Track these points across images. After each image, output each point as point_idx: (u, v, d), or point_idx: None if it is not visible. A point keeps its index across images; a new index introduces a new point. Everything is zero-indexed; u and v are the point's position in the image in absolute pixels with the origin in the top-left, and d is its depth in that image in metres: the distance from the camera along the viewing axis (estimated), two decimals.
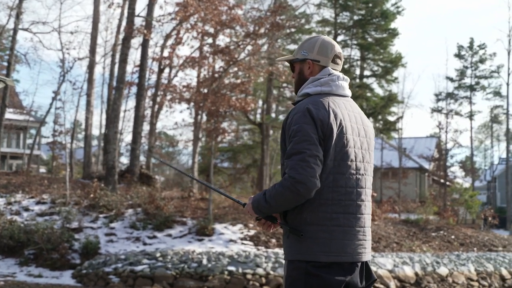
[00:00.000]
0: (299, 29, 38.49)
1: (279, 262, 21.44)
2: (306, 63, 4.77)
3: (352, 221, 4.45)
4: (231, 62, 28.79)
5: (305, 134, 4.28)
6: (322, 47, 4.76)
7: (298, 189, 4.19)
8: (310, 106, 4.39)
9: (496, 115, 72.64)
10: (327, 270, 4.33)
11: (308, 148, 4.24)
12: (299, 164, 4.21)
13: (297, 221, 4.42)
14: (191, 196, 29.51)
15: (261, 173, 36.25)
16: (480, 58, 67.16)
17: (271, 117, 38.51)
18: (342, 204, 4.41)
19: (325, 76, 4.67)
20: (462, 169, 74.54)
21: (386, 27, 40.05)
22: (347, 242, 4.41)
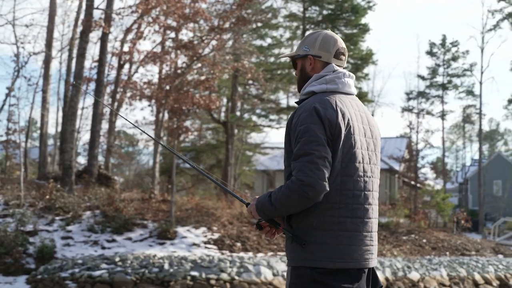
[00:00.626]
0: (265, 24, 38.49)
1: (244, 266, 21.39)
2: (308, 59, 4.73)
3: (360, 226, 4.42)
4: (195, 58, 28.66)
5: (313, 134, 4.24)
6: (323, 42, 4.71)
7: (307, 192, 4.14)
8: (317, 105, 4.35)
9: (469, 115, 73.25)
10: (333, 277, 4.30)
11: (316, 149, 4.20)
12: (308, 166, 4.17)
13: (303, 225, 4.39)
14: (152, 198, 29.36)
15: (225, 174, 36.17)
16: (452, 56, 67.69)
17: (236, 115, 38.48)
18: (350, 207, 4.38)
19: (330, 73, 4.63)
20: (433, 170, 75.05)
21: (356, 23, 40.13)
22: (354, 248, 4.37)
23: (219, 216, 27.46)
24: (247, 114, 45.52)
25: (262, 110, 45.43)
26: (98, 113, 32.23)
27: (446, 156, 78.56)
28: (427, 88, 67.22)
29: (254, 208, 4.49)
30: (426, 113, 65.46)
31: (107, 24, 30.57)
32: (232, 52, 31.57)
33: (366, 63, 41.15)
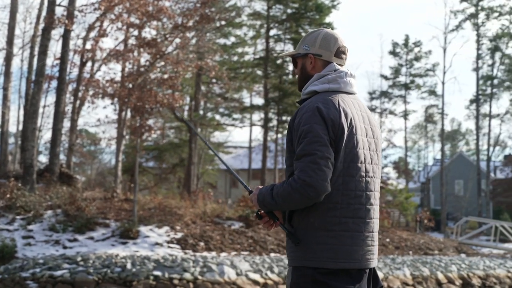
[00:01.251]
0: (229, 23, 38.38)
1: (208, 266, 21.31)
2: (308, 58, 4.70)
3: (361, 226, 4.41)
4: (158, 56, 28.51)
5: (316, 135, 4.22)
6: (324, 41, 4.70)
7: (308, 193, 4.15)
8: (320, 105, 4.32)
9: (431, 115, 73.69)
10: (334, 278, 4.30)
11: (319, 150, 4.19)
12: (310, 166, 4.16)
13: (303, 224, 4.38)
14: (115, 197, 29.15)
15: (188, 173, 36.02)
16: (415, 56, 68.16)
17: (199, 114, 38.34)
18: (352, 208, 4.37)
19: (331, 72, 4.61)
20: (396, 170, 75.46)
21: (320, 22, 40.14)
22: (356, 248, 4.37)
23: (182, 215, 27.33)
24: (211, 113, 45.40)
25: (225, 109, 45.35)
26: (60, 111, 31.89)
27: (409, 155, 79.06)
28: (390, 88, 67.64)
29: (255, 198, 4.48)
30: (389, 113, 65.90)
31: (69, 21, 30.26)
32: (196, 50, 31.46)
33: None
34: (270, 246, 26.77)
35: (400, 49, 68.40)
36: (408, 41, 68.49)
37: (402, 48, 68.42)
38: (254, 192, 4.54)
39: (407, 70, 68.09)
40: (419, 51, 68.07)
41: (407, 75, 67.95)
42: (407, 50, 68.30)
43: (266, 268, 22.64)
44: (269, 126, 39.74)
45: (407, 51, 68.29)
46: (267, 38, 40.35)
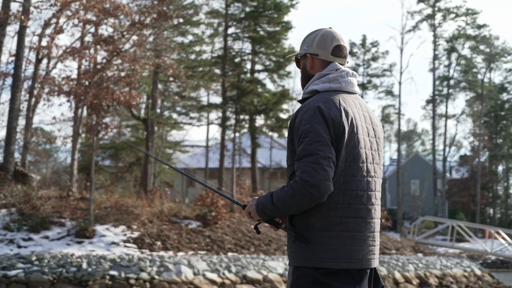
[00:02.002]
0: (187, 21, 38.19)
1: (165, 266, 21.22)
2: (307, 58, 4.71)
3: (362, 226, 4.42)
4: (115, 53, 28.28)
5: (317, 134, 4.24)
6: (321, 40, 4.69)
7: (311, 193, 4.15)
8: (320, 105, 4.34)
9: (388, 115, 74.09)
10: (335, 278, 4.31)
11: (320, 150, 4.20)
12: (312, 166, 4.17)
13: (305, 225, 4.38)
14: (70, 196, 28.87)
15: (145, 172, 35.80)
16: (372, 56, 68.56)
17: (156, 112, 38.14)
18: (353, 208, 4.38)
19: (333, 71, 4.60)
20: None
21: (279, 20, 40.11)
22: (357, 248, 4.38)
23: (138, 215, 27.17)
24: (168, 112, 45.17)
25: (182, 108, 45.16)
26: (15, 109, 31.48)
27: None
28: None
29: (253, 209, 4.46)
30: None
31: (25, 17, 29.88)
32: (153, 48, 31.26)
33: (288, 61, 41.20)
34: (227, 245, 26.72)
35: (357, 49, 68.73)
36: (365, 41, 68.84)
37: (359, 48, 68.75)
38: (250, 204, 4.52)
39: (364, 70, 68.45)
40: (376, 51, 68.48)
41: (364, 75, 68.30)
42: (364, 50, 68.65)
43: (224, 268, 22.60)
44: (226, 125, 39.61)
45: (364, 51, 68.64)
46: (225, 37, 40.22)
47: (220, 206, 28.89)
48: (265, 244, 28.46)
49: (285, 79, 43.95)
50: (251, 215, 4.49)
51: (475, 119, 73.90)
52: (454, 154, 79.93)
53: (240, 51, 41.26)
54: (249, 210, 4.52)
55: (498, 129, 76.91)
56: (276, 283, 23.13)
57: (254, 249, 27.41)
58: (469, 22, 67.98)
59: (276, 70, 41.41)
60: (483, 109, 69.41)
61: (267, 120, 42.53)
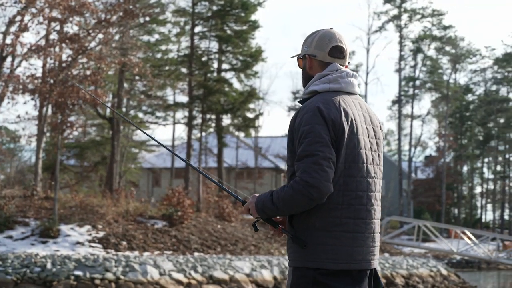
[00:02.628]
0: (153, 20, 37.96)
1: (130, 266, 21.07)
2: (307, 59, 4.70)
3: (362, 227, 4.41)
4: (80, 51, 28.05)
5: (317, 135, 4.23)
6: (319, 41, 4.67)
7: (311, 194, 4.15)
8: (320, 105, 4.34)
9: None
10: (335, 278, 4.31)
11: (321, 150, 4.20)
12: (312, 167, 4.16)
13: (304, 226, 4.37)
14: (35, 195, 28.56)
15: (110, 171, 35.50)
16: None
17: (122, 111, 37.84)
18: (352, 208, 4.37)
19: (333, 72, 4.58)
20: None
21: (246, 19, 40.03)
22: (357, 249, 4.38)
23: (104, 214, 26.95)
24: (133, 111, 44.88)
25: (148, 107, 44.93)
26: None
27: None
28: None
29: (253, 206, 4.42)
30: None
31: None
32: (119, 46, 31.01)
33: (255, 61, 41.13)
34: (194, 245, 26.59)
35: None
36: None
37: None
38: (250, 201, 4.48)
39: None
40: None
41: None
42: None
43: (190, 268, 22.50)
44: (193, 124, 39.46)
45: None
46: (192, 35, 40.06)
47: (186, 205, 28.76)
48: (231, 244, 28.36)
49: (252, 79, 43.84)
50: (250, 212, 4.47)
51: (440, 119, 74.34)
52: (420, 154, 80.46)
53: (207, 50, 41.13)
54: (248, 207, 4.49)
55: (463, 130, 77.52)
56: (243, 283, 23.05)
57: (220, 249, 27.31)
58: (435, 23, 68.41)
59: (243, 69, 41.32)
60: (449, 110, 69.84)
61: (234, 120, 42.45)
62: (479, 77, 78.33)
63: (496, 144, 77.11)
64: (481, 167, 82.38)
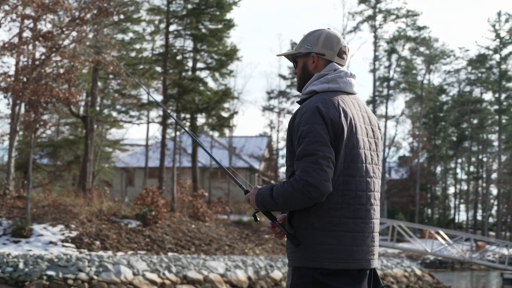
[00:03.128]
0: (127, 18, 37.76)
1: (103, 266, 20.90)
2: (310, 57, 4.67)
3: (362, 226, 4.42)
4: (54, 49, 27.84)
5: (316, 134, 4.25)
6: (327, 40, 4.67)
7: (310, 193, 4.17)
8: (319, 105, 4.35)
9: None
10: (334, 278, 4.31)
11: (320, 150, 4.22)
12: (312, 166, 4.18)
13: (304, 225, 4.37)
14: (7, 194, 28.33)
15: (84, 170, 35.28)
16: None
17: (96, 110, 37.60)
18: (352, 208, 4.38)
19: (331, 72, 4.61)
20: None
21: (221, 18, 39.96)
22: (356, 249, 4.38)
23: (77, 214, 26.78)
24: (107, 110, 44.63)
25: (122, 106, 44.70)
26: None
27: None
28: (288, 88, 67.90)
29: (253, 198, 4.46)
30: (287, 113, 66.22)
31: None
32: (93, 44, 30.81)
33: (231, 60, 41.03)
34: (168, 245, 26.47)
35: None
36: None
37: None
38: (251, 192, 4.51)
39: None
40: None
41: None
42: None
43: (164, 268, 22.36)
44: (167, 124, 39.29)
45: None
46: (167, 34, 39.91)
47: (160, 205, 28.63)
48: (206, 244, 28.26)
49: (227, 78, 43.73)
50: (250, 203, 4.52)
51: (414, 120, 74.67)
52: (394, 155, 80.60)
53: (181, 48, 41.00)
54: (248, 198, 4.52)
55: (437, 131, 77.86)
56: (217, 283, 22.95)
57: (194, 249, 27.21)
58: (410, 23, 68.66)
59: (218, 68, 41.24)
60: (422, 111, 70.13)
61: (209, 119, 42.34)
62: (453, 78, 78.80)
63: (469, 145, 77.55)
64: (454, 168, 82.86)
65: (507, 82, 75.13)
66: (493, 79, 75.59)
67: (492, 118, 76.84)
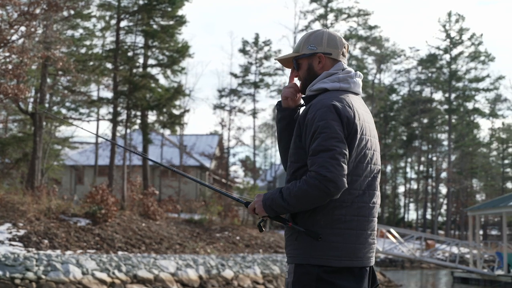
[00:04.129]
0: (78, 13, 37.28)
1: (52, 265, 20.57)
2: (316, 58, 4.71)
3: (365, 225, 4.47)
4: (2, 44, 27.35)
5: (333, 131, 4.27)
6: (330, 39, 4.72)
7: (329, 188, 4.18)
8: (335, 103, 4.38)
9: None
10: (339, 276, 4.35)
11: (337, 146, 4.25)
12: (329, 162, 4.20)
13: (309, 223, 4.40)
14: None
15: (32, 168, 34.74)
16: (265, 55, 68.62)
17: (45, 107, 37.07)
18: (356, 206, 4.42)
19: (340, 71, 4.66)
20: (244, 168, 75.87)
21: (173, 14, 39.69)
22: (359, 246, 4.43)
23: (25, 212, 26.33)
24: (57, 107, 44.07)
25: (72, 103, 44.17)
26: None
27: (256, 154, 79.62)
28: (239, 86, 67.83)
29: (260, 205, 4.43)
30: (238, 111, 66.11)
31: None
32: (43, 40, 30.34)
33: (182, 56, 40.77)
34: (117, 244, 26.16)
35: (250, 48, 68.71)
36: (258, 39, 68.89)
37: (252, 47, 68.74)
38: (255, 200, 4.49)
39: (257, 69, 68.51)
40: (269, 50, 68.62)
41: (257, 74, 68.35)
42: (257, 49, 68.68)
43: (114, 267, 22.11)
44: (117, 121, 38.88)
45: (257, 49, 68.67)
46: (118, 30, 39.50)
47: (110, 203, 28.29)
48: (156, 242, 27.98)
49: (178, 75, 43.41)
50: (256, 211, 4.47)
51: None
52: None
53: (132, 45, 40.65)
54: (253, 207, 4.49)
55: (387, 130, 78.41)
56: (168, 283, 22.73)
57: (145, 248, 26.92)
58: (361, 23, 69.11)
59: (170, 65, 40.97)
60: (373, 110, 70.46)
61: (160, 116, 42.01)
62: (404, 77, 79.47)
63: (419, 144, 78.25)
64: (404, 167, 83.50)
65: (457, 82, 76.04)
66: (443, 79, 76.41)
67: (442, 117, 77.69)
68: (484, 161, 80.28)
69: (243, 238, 32.71)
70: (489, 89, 77.77)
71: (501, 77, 77.61)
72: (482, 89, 77.58)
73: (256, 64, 68.55)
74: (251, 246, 31.76)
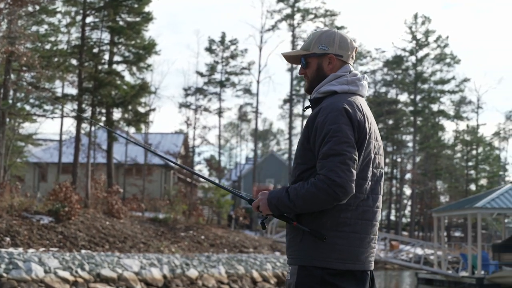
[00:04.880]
0: (42, 9, 36.86)
1: (14, 263, 20.27)
2: (326, 58, 4.67)
3: (368, 229, 4.49)
4: None
5: (345, 135, 4.27)
6: (342, 41, 4.70)
7: (337, 193, 4.18)
8: (346, 107, 4.37)
9: (245, 113, 74.48)
10: (342, 279, 4.35)
11: (348, 151, 4.24)
12: (340, 166, 4.20)
13: (315, 225, 4.37)
14: None
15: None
16: (231, 54, 68.58)
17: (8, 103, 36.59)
18: (361, 210, 4.42)
19: (347, 73, 4.64)
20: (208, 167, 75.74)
21: (139, 11, 39.40)
22: (362, 250, 4.44)
23: None
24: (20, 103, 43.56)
25: (36, 99, 43.71)
26: None
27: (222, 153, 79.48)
28: (205, 85, 67.68)
29: (265, 203, 4.42)
30: (203, 110, 65.95)
31: None
32: (7, 35, 29.93)
33: (148, 53, 40.49)
34: (81, 242, 25.87)
35: (217, 46, 68.61)
36: (225, 38, 68.81)
37: (219, 46, 68.65)
38: (261, 197, 4.46)
39: (223, 68, 68.47)
40: (235, 49, 68.55)
41: (223, 73, 68.31)
42: (223, 48, 68.61)
43: (77, 266, 21.85)
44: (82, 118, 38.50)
45: (223, 48, 68.60)
46: (83, 26, 39.08)
47: (74, 201, 27.99)
48: (120, 241, 27.72)
49: (144, 72, 43.09)
50: (260, 209, 4.45)
51: None
52: None
53: (98, 41, 40.27)
54: (257, 204, 4.46)
55: None
56: (132, 282, 22.52)
57: (109, 246, 26.66)
58: (328, 23, 69.01)
59: (136, 62, 40.66)
60: None
61: (125, 114, 41.66)
62: (369, 78, 79.44)
63: (384, 145, 78.42)
64: None
65: (422, 84, 76.41)
66: (408, 80, 76.75)
67: (407, 119, 78.07)
68: (449, 162, 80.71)
69: (208, 238, 32.54)
70: (454, 91, 78.18)
71: (466, 80, 78.12)
72: (447, 91, 78.02)
73: (223, 63, 68.46)
74: (216, 246, 31.60)
